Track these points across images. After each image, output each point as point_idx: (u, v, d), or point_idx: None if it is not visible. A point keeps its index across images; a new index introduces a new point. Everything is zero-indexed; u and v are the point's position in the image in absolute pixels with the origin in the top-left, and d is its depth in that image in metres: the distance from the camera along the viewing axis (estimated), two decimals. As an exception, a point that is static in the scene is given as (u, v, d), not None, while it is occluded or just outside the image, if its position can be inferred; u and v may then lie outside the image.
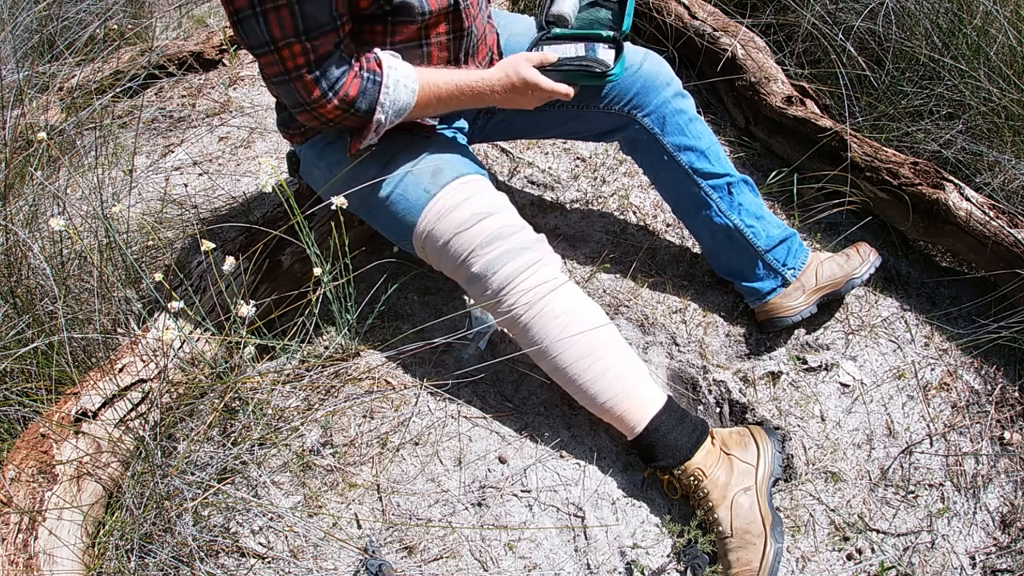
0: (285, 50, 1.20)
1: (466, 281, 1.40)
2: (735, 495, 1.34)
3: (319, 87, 1.25)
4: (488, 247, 1.35)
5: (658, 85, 1.60)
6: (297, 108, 1.29)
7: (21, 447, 1.21)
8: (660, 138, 1.61)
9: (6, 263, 1.41)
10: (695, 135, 1.62)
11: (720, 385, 1.58)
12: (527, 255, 1.36)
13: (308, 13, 1.18)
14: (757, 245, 1.63)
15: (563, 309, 1.36)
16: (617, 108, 1.61)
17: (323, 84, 1.25)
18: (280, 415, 1.42)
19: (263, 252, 1.53)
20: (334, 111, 1.28)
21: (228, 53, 2.51)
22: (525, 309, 1.36)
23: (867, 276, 1.65)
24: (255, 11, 1.16)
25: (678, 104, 1.61)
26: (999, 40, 1.86)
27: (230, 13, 1.19)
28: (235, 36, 1.24)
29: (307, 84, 1.24)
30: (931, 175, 1.72)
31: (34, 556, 1.09)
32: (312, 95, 1.25)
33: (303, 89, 1.25)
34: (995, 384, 1.62)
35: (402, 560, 1.33)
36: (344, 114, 1.29)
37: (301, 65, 1.22)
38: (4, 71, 1.98)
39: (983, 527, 1.43)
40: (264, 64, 1.24)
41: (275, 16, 1.16)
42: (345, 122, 1.32)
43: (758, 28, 2.29)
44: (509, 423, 1.51)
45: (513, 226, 1.39)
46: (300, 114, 1.30)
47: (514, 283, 1.35)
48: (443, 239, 1.38)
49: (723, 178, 1.63)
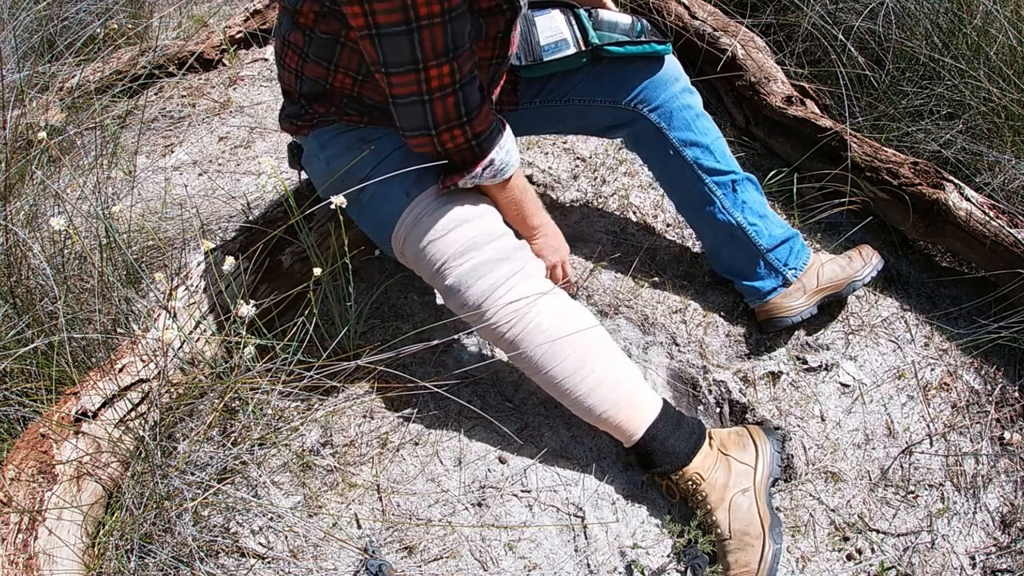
0: (433, 69, 1.14)
1: (442, 293, 1.34)
2: (733, 496, 1.34)
3: (457, 111, 1.19)
4: (461, 258, 1.29)
5: (666, 80, 1.59)
6: (418, 131, 1.22)
7: (21, 447, 1.21)
8: (667, 133, 1.60)
9: (6, 263, 1.41)
10: (702, 131, 1.61)
11: (720, 385, 1.58)
12: (504, 267, 1.30)
13: (457, 31, 1.13)
14: (759, 244, 1.63)
15: (549, 323, 1.31)
16: (624, 102, 1.60)
17: (461, 109, 1.19)
18: (280, 415, 1.42)
19: (263, 252, 1.53)
20: (460, 138, 1.22)
21: (228, 53, 2.51)
22: (509, 326, 1.30)
23: (869, 279, 1.65)
24: (410, 27, 1.09)
25: (685, 100, 1.61)
26: (999, 40, 1.86)
27: (363, 26, 1.11)
28: (365, 50, 1.15)
29: (448, 107, 1.18)
30: (931, 175, 1.72)
31: (34, 556, 1.09)
32: (449, 118, 1.19)
33: (441, 111, 1.18)
34: (995, 384, 1.62)
35: (402, 560, 1.33)
36: (465, 145, 1.24)
37: (447, 85, 1.16)
38: (4, 71, 1.98)
39: (983, 527, 1.43)
40: (398, 83, 1.17)
41: (429, 33, 1.10)
42: (454, 155, 1.26)
43: (758, 28, 2.29)
44: (509, 423, 1.51)
45: (491, 233, 1.32)
46: (418, 137, 1.23)
47: (492, 299, 1.29)
48: (418, 246, 1.32)
49: (728, 175, 1.62)
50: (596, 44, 1.50)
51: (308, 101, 1.40)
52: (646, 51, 1.54)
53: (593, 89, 1.59)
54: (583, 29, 1.53)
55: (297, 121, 1.45)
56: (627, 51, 1.53)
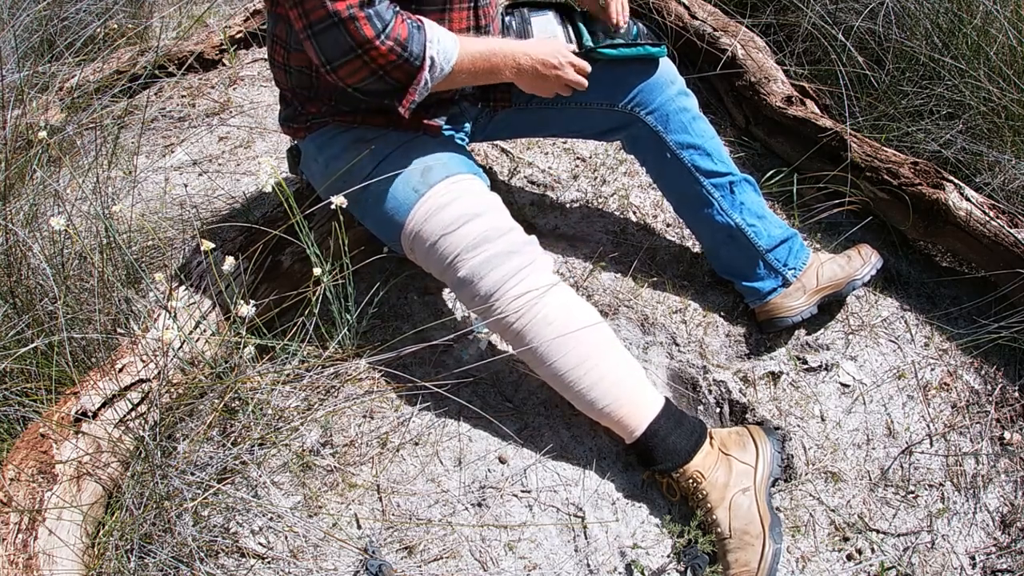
0: None
1: (453, 286, 1.38)
2: (734, 496, 1.34)
3: (372, 26, 1.18)
4: (474, 251, 1.33)
5: (662, 83, 1.59)
6: (345, 56, 1.22)
7: (21, 447, 1.21)
8: (663, 136, 1.61)
9: (6, 263, 1.41)
10: (698, 133, 1.61)
11: (720, 385, 1.58)
12: (515, 260, 1.33)
13: None
14: (758, 244, 1.63)
15: (556, 316, 1.34)
16: (620, 105, 1.60)
17: (376, 23, 1.19)
18: (280, 415, 1.42)
19: (263, 252, 1.53)
20: (389, 53, 1.21)
21: (228, 53, 2.51)
22: (517, 317, 1.33)
23: (868, 278, 1.65)
24: None
25: (682, 102, 1.61)
26: (999, 40, 1.86)
27: None
28: None
29: (360, 23, 1.17)
30: (931, 175, 1.72)
31: (34, 556, 1.09)
32: (366, 34, 1.18)
33: (356, 30, 1.18)
34: (995, 384, 1.62)
35: (402, 560, 1.33)
36: (397, 59, 1.23)
37: (354, 4, 1.17)
38: (4, 71, 1.98)
39: (983, 527, 1.43)
40: (308, 10, 1.18)
41: None
42: (394, 73, 1.25)
43: (758, 28, 2.29)
44: (509, 423, 1.51)
45: (500, 228, 1.36)
46: (347, 64, 1.23)
47: (502, 290, 1.32)
48: (430, 241, 1.36)
49: (725, 177, 1.62)
50: (589, 47, 1.50)
51: (301, 102, 1.41)
52: (640, 54, 1.54)
53: (589, 92, 1.59)
54: (577, 32, 1.53)
55: (293, 124, 1.47)
56: (621, 53, 1.53)
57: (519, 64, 1.37)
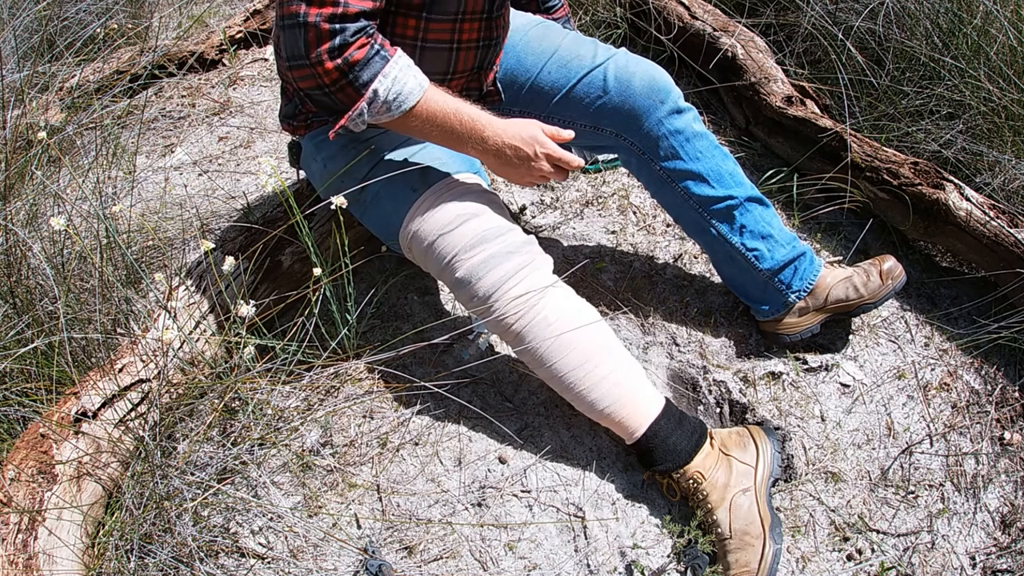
0: None
1: (452, 286, 1.35)
2: (734, 496, 1.34)
3: (328, 41, 1.15)
4: (472, 251, 1.30)
5: (648, 106, 1.50)
6: (296, 61, 1.19)
7: (21, 447, 1.21)
8: (651, 163, 1.55)
9: (6, 263, 1.41)
10: (692, 156, 1.53)
11: (720, 385, 1.58)
12: (514, 260, 1.31)
13: None
14: (760, 268, 1.57)
15: (556, 316, 1.32)
16: (605, 130, 1.55)
17: (334, 40, 1.15)
18: (280, 415, 1.42)
19: (263, 252, 1.53)
20: (334, 71, 1.17)
21: (228, 53, 2.51)
22: (516, 318, 1.31)
23: (883, 303, 1.55)
24: None
25: (672, 124, 1.51)
26: (999, 40, 1.86)
27: None
28: None
29: (320, 32, 1.14)
30: (931, 175, 1.72)
31: (34, 556, 1.09)
32: (318, 47, 1.15)
33: (312, 39, 1.15)
34: (995, 384, 1.62)
35: (402, 560, 1.33)
36: (341, 79, 1.19)
37: (325, 15, 1.14)
38: (4, 71, 1.98)
39: (983, 527, 1.43)
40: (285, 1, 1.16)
41: None
42: (337, 93, 1.21)
43: (758, 28, 2.29)
44: (509, 423, 1.51)
45: (499, 228, 1.33)
46: (299, 68, 1.19)
47: (501, 291, 1.30)
48: (427, 240, 1.34)
49: (724, 201, 1.54)
50: None
51: (301, 99, 1.41)
52: None
53: (572, 111, 1.54)
54: None
55: (293, 122, 1.46)
56: None
57: (484, 139, 1.28)
